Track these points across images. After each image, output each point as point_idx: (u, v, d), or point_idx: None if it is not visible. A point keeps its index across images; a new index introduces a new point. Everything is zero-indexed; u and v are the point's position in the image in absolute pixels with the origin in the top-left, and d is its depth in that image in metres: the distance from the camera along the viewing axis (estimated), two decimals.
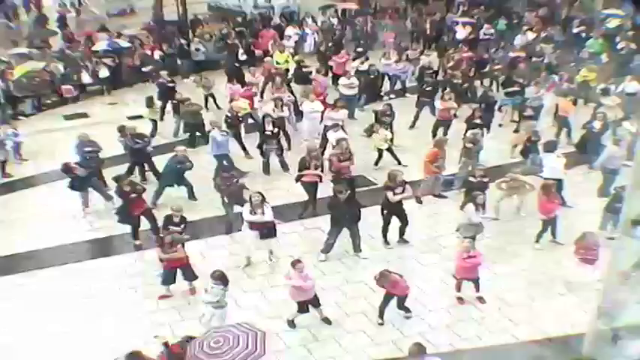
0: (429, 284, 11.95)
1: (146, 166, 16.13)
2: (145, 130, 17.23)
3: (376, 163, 16.56)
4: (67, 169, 14.33)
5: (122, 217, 13.41)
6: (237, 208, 13.35)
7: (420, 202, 14.96)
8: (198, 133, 18.13)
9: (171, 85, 20.24)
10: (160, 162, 15.58)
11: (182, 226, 12.28)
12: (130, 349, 8.72)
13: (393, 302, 10.93)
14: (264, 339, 8.85)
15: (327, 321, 11.10)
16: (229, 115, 17.32)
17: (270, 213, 12.36)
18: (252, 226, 12.40)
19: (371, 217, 13.49)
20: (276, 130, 16.26)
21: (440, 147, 14.85)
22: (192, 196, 15.16)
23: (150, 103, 19.01)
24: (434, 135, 17.56)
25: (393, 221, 13.28)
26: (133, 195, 13.17)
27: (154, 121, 19.03)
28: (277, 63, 22.33)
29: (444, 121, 17.92)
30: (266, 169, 16.48)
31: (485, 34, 26.60)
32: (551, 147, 14.84)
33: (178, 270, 11.71)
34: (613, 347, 9.04)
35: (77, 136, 15.72)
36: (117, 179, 13.47)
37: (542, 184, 13.08)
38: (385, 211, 13.23)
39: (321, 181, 14.38)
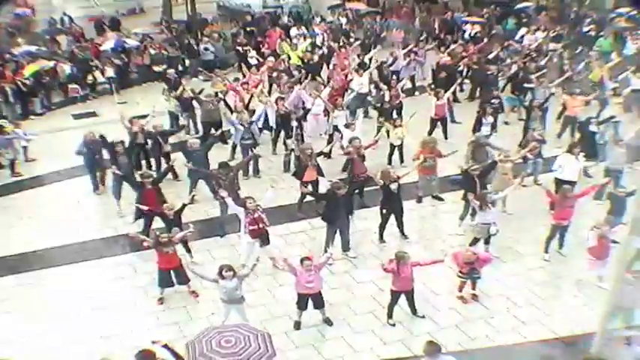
0: (437, 284, 11.91)
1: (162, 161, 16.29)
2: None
3: (389, 162, 16.53)
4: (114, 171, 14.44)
5: (138, 212, 13.56)
6: (231, 209, 12.86)
7: (419, 201, 15.00)
8: (214, 131, 18.10)
9: (178, 80, 20.44)
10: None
11: (176, 223, 12.29)
12: (139, 348, 8.73)
13: (401, 302, 10.94)
14: (271, 340, 8.86)
15: (328, 322, 11.04)
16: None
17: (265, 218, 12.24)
18: (253, 233, 12.18)
19: (378, 216, 13.48)
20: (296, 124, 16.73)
21: (424, 146, 14.60)
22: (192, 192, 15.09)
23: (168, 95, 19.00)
24: (430, 133, 17.35)
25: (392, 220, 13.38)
26: (149, 187, 13.29)
27: (174, 115, 18.92)
28: (289, 57, 22.71)
29: (438, 119, 17.88)
30: (287, 166, 16.56)
31: None
32: (573, 149, 14.44)
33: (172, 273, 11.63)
34: (623, 347, 8.99)
35: (84, 134, 15.74)
36: (141, 175, 13.73)
37: (561, 189, 12.79)
38: (384, 210, 13.33)
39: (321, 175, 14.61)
